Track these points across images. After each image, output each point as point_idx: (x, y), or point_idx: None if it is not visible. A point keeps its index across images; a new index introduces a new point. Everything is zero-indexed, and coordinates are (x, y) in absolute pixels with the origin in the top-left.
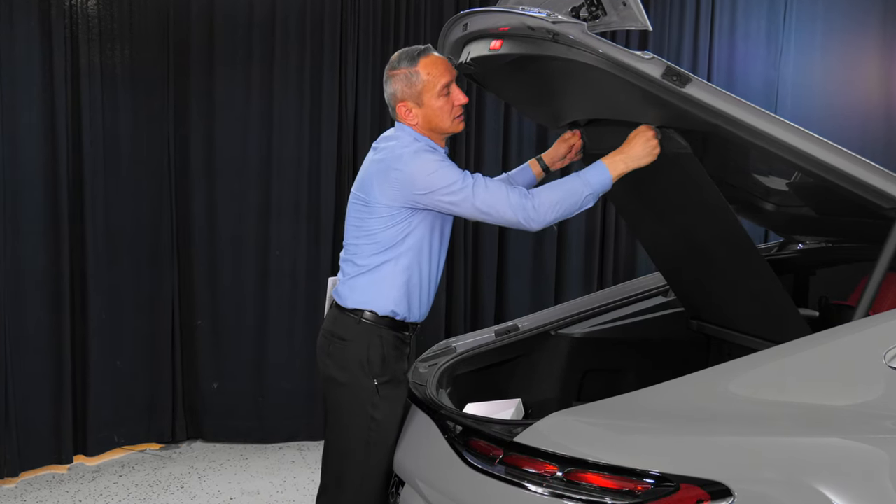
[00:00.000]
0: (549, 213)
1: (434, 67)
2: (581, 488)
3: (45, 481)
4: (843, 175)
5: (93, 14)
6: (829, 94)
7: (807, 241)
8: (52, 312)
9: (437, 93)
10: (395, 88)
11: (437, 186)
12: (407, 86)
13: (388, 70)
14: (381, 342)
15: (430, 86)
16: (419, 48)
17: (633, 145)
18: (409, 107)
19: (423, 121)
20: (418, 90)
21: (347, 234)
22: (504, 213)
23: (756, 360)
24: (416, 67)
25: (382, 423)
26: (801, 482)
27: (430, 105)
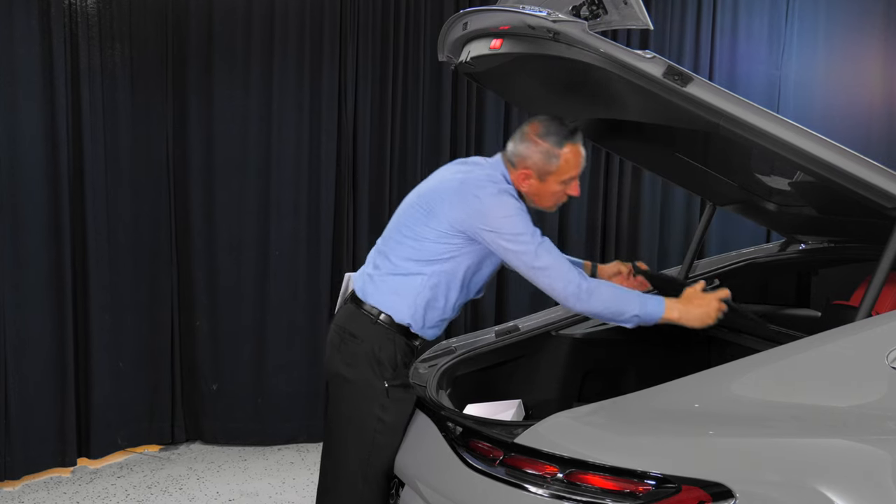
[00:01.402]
0: (595, 303)
1: (574, 158)
2: (582, 490)
3: (43, 483)
4: (845, 175)
5: (92, 13)
6: (831, 93)
7: (809, 241)
8: (54, 313)
9: (560, 180)
10: (528, 154)
11: (506, 231)
12: (542, 161)
13: (531, 133)
14: (393, 345)
15: (561, 172)
16: (570, 129)
17: (694, 305)
18: (530, 176)
19: (532, 191)
20: (549, 170)
21: (393, 231)
22: (556, 281)
23: (758, 361)
24: (560, 150)
25: (390, 425)
26: (802, 483)
27: (549, 186)
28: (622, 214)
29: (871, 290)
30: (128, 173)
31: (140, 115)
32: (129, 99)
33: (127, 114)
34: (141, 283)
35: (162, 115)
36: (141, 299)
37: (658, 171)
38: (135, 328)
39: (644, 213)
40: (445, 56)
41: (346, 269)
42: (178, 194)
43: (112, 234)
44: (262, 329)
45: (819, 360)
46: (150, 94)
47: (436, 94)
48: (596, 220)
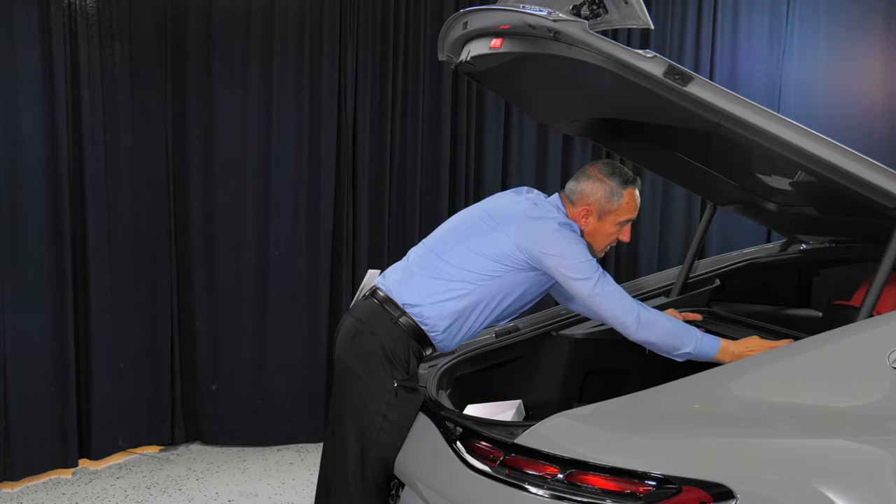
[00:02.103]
0: (650, 332)
1: (633, 201)
2: (582, 490)
3: (43, 484)
4: (846, 174)
5: (92, 13)
6: (832, 92)
7: (810, 241)
8: (55, 313)
9: (618, 220)
10: (592, 192)
11: (571, 258)
12: (605, 198)
13: (595, 172)
14: (407, 347)
15: (620, 213)
16: (633, 175)
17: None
18: (591, 213)
19: (588, 230)
20: (610, 209)
21: (448, 237)
22: (616, 308)
23: (758, 361)
24: (623, 190)
25: (395, 424)
26: (803, 484)
27: (606, 226)
28: None
29: (873, 291)
30: (127, 173)
31: (140, 115)
32: (129, 99)
33: (127, 114)
34: (140, 284)
35: (161, 115)
36: (140, 300)
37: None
38: (134, 328)
39: (644, 212)
40: (445, 55)
41: (345, 270)
42: (177, 194)
43: (112, 234)
44: (262, 329)
45: (820, 361)
46: (150, 94)
47: (436, 94)
48: None
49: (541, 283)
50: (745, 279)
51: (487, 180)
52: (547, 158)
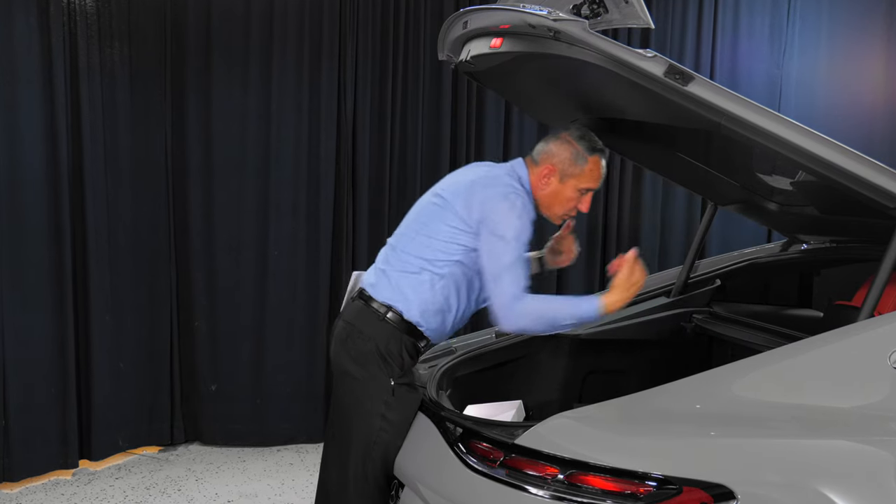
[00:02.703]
0: (523, 320)
1: (597, 169)
2: (582, 491)
3: (42, 485)
4: (847, 174)
5: (91, 12)
6: (832, 92)
7: (811, 240)
8: (55, 313)
9: (579, 186)
10: (558, 152)
11: (499, 225)
12: (570, 160)
13: (565, 135)
14: (400, 344)
15: (582, 178)
16: (602, 145)
17: (624, 289)
18: (553, 174)
19: (548, 192)
20: (572, 171)
21: (407, 228)
22: (494, 290)
23: (759, 362)
24: (589, 156)
25: (394, 423)
26: (804, 484)
27: (566, 189)
28: (623, 214)
29: (874, 291)
30: (127, 173)
31: (139, 114)
32: (129, 98)
33: (126, 113)
34: (140, 284)
35: (161, 115)
36: (140, 300)
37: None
38: (134, 329)
39: (645, 212)
40: (445, 55)
41: (345, 269)
42: (176, 194)
43: (112, 234)
44: (262, 329)
45: (821, 361)
46: (149, 92)
47: (436, 93)
48: (596, 220)
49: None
50: (746, 279)
51: None
52: None
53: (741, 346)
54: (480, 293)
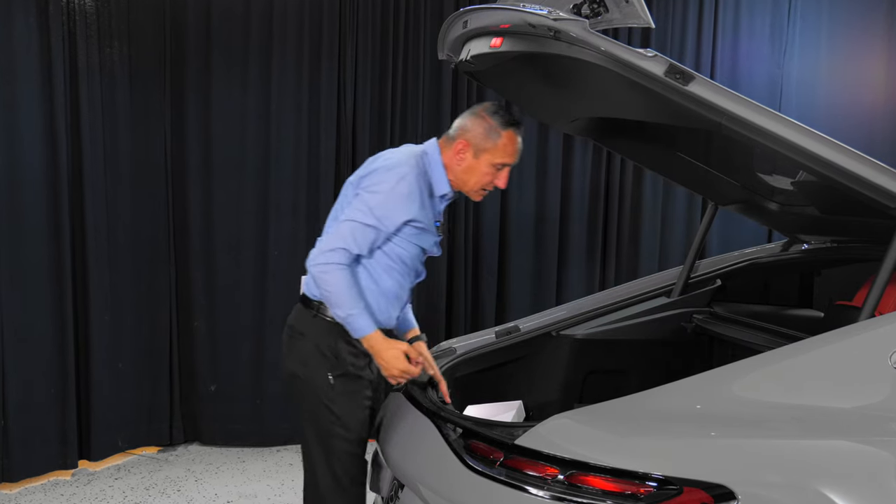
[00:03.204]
0: (322, 274)
1: (510, 144)
2: (583, 491)
3: (41, 486)
4: (848, 174)
5: (90, 11)
6: (833, 92)
7: (811, 240)
8: (54, 314)
9: (494, 161)
10: (471, 127)
11: (368, 192)
12: (482, 134)
13: (480, 110)
14: (333, 337)
15: (495, 152)
16: (516, 120)
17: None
18: (467, 149)
19: (465, 168)
20: (485, 146)
21: (328, 221)
22: (329, 231)
23: (759, 362)
24: (503, 131)
25: (343, 417)
26: (805, 485)
27: (481, 164)
28: (623, 214)
29: (874, 291)
30: (126, 172)
31: (139, 113)
32: (128, 98)
33: (125, 112)
34: (139, 284)
35: (160, 114)
36: (139, 300)
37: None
38: (133, 329)
39: (645, 213)
40: (445, 54)
41: None
42: (176, 194)
43: (111, 233)
44: (261, 329)
45: (822, 361)
46: (149, 92)
47: (436, 93)
48: (597, 220)
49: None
50: (747, 279)
51: None
52: (547, 158)
53: (742, 347)
54: (406, 268)
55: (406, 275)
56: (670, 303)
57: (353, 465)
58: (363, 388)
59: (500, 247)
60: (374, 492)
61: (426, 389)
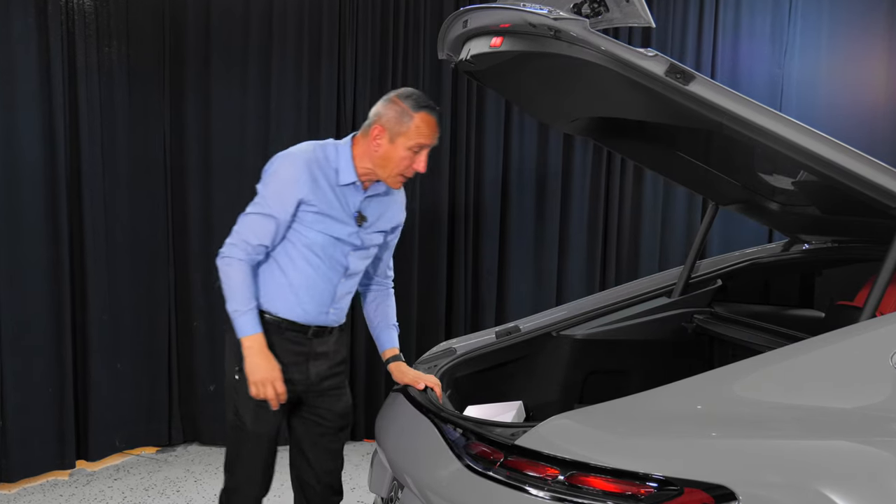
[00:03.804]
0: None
1: (424, 125)
2: (583, 492)
3: (40, 486)
4: (849, 174)
5: (89, 11)
6: (834, 91)
7: (812, 240)
8: (52, 314)
9: (408, 144)
10: (385, 112)
11: (263, 188)
12: (395, 119)
13: (394, 95)
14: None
15: (410, 135)
16: (429, 102)
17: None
18: (382, 135)
19: (382, 154)
20: (399, 130)
21: None
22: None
23: (760, 362)
24: (415, 113)
25: (241, 410)
26: (806, 485)
27: (397, 149)
28: (623, 214)
29: (876, 291)
30: (125, 172)
31: (138, 113)
32: (127, 97)
33: (124, 112)
34: (139, 284)
35: (159, 114)
36: (138, 300)
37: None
38: (132, 329)
39: (645, 213)
40: (445, 54)
41: None
42: (175, 194)
43: (110, 233)
44: None
45: (822, 362)
46: (148, 92)
47: (436, 93)
48: (597, 221)
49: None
50: (748, 279)
51: (487, 180)
52: (548, 158)
53: (742, 347)
54: (320, 259)
55: (320, 267)
56: (671, 303)
57: (249, 460)
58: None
59: (500, 247)
60: (374, 492)
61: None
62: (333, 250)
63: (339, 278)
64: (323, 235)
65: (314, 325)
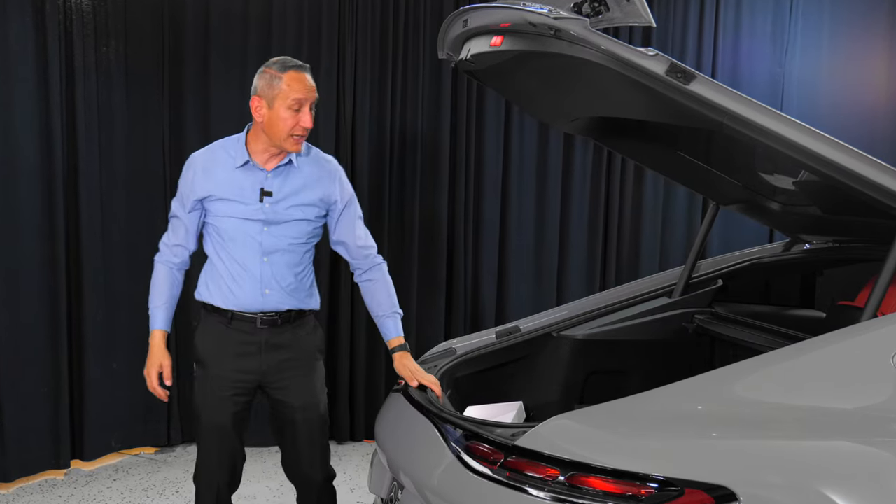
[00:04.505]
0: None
1: (294, 82)
2: (583, 493)
3: (38, 486)
4: (850, 174)
5: (87, 10)
6: (835, 91)
7: (813, 240)
8: (48, 313)
9: (287, 104)
10: (257, 83)
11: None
12: (266, 85)
13: (264, 67)
14: (202, 325)
15: (283, 95)
16: (296, 62)
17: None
18: (262, 105)
19: (267, 121)
20: (273, 94)
21: None
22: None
23: (761, 363)
24: (282, 74)
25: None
26: (807, 486)
27: (278, 111)
28: (624, 214)
29: (877, 291)
30: (123, 172)
31: (136, 113)
32: (125, 97)
33: (122, 112)
34: (136, 282)
35: (158, 114)
36: (138, 299)
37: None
38: (130, 328)
39: (646, 212)
40: (445, 54)
41: (344, 270)
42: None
43: (106, 232)
44: None
45: (823, 362)
46: (147, 93)
47: (435, 92)
48: (597, 221)
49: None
50: (748, 279)
51: (487, 180)
52: (548, 157)
53: (743, 347)
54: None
55: (237, 250)
56: (671, 303)
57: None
58: (213, 379)
59: (500, 247)
60: (373, 493)
61: (426, 391)
62: (245, 229)
63: (259, 257)
64: (229, 219)
65: (259, 312)
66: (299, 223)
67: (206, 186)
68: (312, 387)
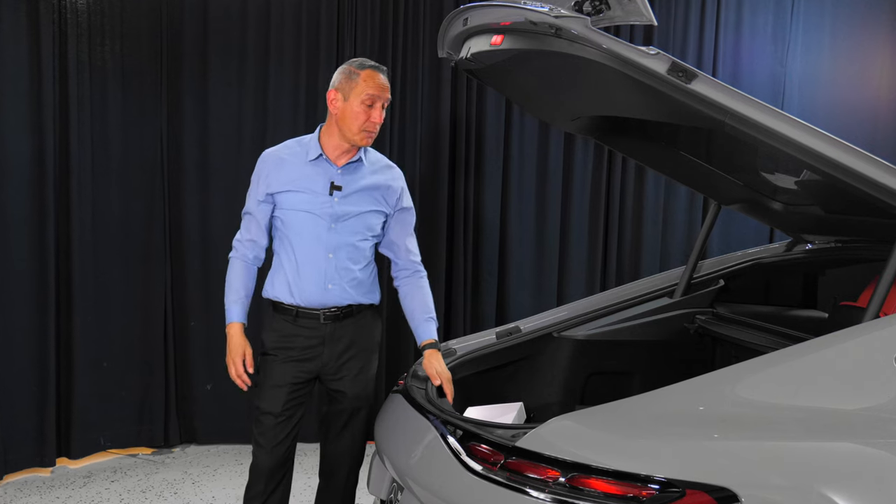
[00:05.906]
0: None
1: (370, 79)
2: (584, 494)
3: (34, 486)
4: (852, 173)
5: (82, 8)
6: (836, 90)
7: (815, 240)
8: (36, 312)
9: (361, 99)
10: (336, 78)
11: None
12: (345, 78)
13: (345, 64)
14: (269, 322)
15: (359, 89)
16: (373, 63)
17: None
18: (337, 97)
19: (340, 114)
20: (350, 87)
21: None
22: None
23: (763, 363)
24: (361, 71)
25: (259, 388)
26: (809, 487)
27: (352, 105)
28: (625, 214)
29: (879, 291)
30: (118, 171)
31: (133, 112)
32: (119, 96)
33: (117, 111)
34: (133, 283)
35: (155, 113)
36: (133, 299)
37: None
38: (127, 329)
39: (647, 212)
40: (445, 52)
41: None
42: (171, 193)
43: (98, 231)
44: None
45: (826, 362)
46: (144, 91)
47: (435, 92)
48: (598, 221)
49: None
50: (750, 279)
51: (487, 179)
52: (548, 157)
53: (745, 348)
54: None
55: (304, 245)
56: (673, 303)
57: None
58: (277, 367)
59: (500, 247)
60: (373, 494)
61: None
62: (312, 224)
63: (324, 252)
64: (298, 213)
65: (322, 308)
66: (365, 219)
67: (279, 179)
68: (367, 380)
